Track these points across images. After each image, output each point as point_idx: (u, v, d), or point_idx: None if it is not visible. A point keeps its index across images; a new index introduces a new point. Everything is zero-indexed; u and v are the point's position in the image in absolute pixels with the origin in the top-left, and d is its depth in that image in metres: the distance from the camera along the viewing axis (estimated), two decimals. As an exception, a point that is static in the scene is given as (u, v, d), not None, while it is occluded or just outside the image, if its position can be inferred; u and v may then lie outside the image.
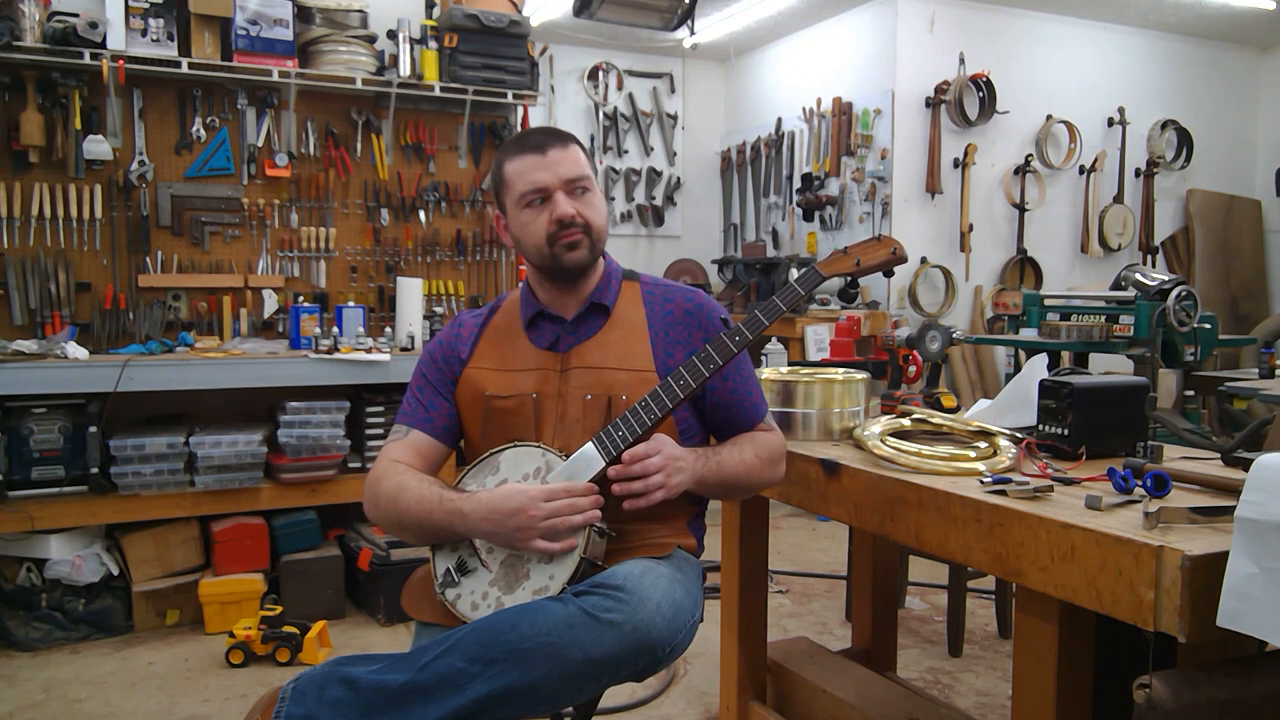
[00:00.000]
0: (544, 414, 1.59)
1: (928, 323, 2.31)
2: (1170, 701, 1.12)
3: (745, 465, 1.58)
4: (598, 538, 1.43)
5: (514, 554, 1.46)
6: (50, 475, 3.24)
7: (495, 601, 1.43)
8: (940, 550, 1.48)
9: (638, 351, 1.61)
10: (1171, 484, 1.35)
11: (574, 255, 1.58)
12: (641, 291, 1.69)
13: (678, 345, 1.62)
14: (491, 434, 1.62)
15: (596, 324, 1.65)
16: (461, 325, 1.73)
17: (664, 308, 1.66)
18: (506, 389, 1.61)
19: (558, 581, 1.40)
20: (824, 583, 3.95)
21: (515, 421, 1.60)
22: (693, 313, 1.66)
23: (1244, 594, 1.07)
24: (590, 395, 1.57)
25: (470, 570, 1.48)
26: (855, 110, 5.55)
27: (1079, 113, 5.76)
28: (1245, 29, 6.00)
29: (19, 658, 3.12)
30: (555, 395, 1.59)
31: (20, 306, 3.49)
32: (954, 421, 1.80)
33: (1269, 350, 3.92)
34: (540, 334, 1.66)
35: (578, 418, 1.57)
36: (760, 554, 2.22)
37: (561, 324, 1.65)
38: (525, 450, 1.52)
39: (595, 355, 1.61)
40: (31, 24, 3.29)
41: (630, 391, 1.55)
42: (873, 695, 2.15)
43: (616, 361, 1.60)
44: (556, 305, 1.66)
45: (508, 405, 1.61)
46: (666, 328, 1.64)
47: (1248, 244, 6.32)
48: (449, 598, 1.48)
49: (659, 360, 1.60)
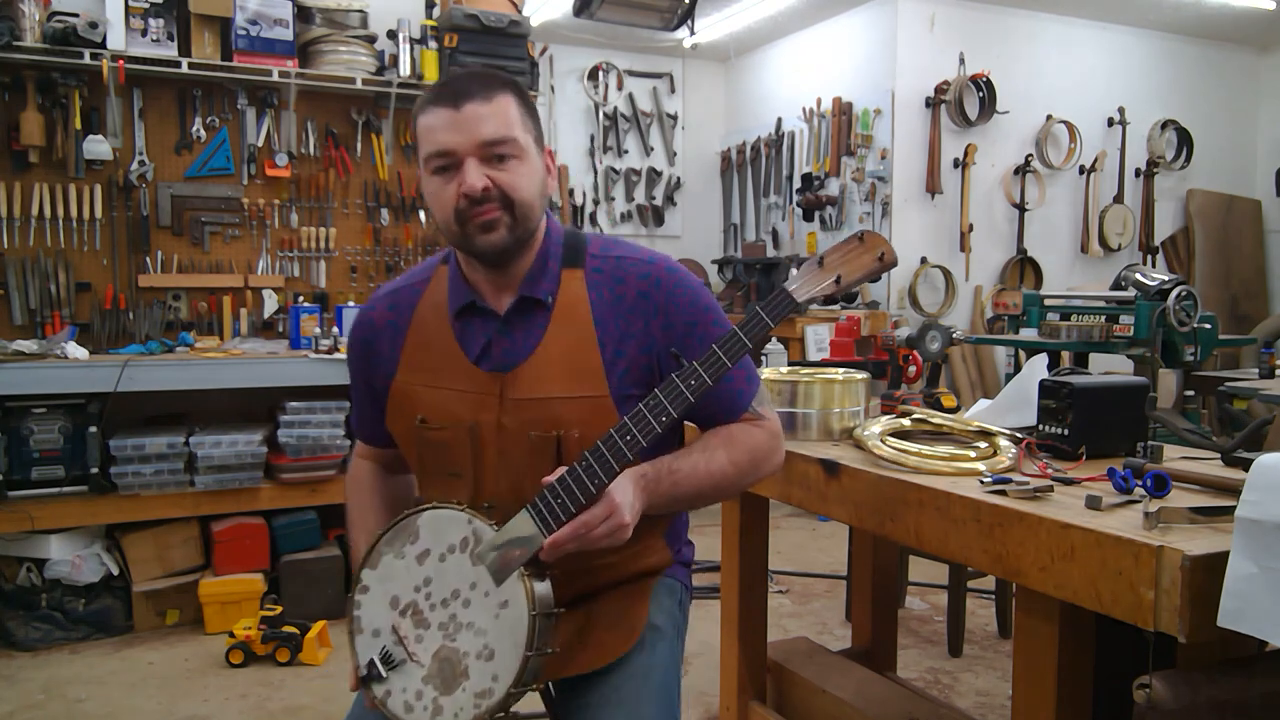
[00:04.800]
0: (484, 447, 1.36)
1: (928, 323, 2.31)
2: (1170, 701, 1.12)
3: (713, 475, 1.33)
4: (545, 620, 1.21)
5: (447, 645, 1.23)
6: (50, 475, 3.24)
7: (432, 703, 1.23)
8: (940, 550, 1.48)
9: (586, 369, 1.33)
10: (1171, 484, 1.35)
11: (488, 239, 1.29)
12: (587, 275, 1.37)
13: (631, 343, 1.34)
14: (429, 463, 1.41)
15: (534, 326, 1.36)
16: (377, 316, 1.46)
17: (614, 292, 1.36)
18: (440, 416, 1.37)
19: (502, 684, 1.19)
20: (824, 583, 3.95)
21: (452, 455, 1.38)
22: (648, 294, 1.35)
23: (1244, 594, 1.07)
24: (535, 434, 1.33)
25: (397, 663, 1.26)
26: (855, 110, 5.55)
27: (1079, 113, 5.76)
28: (1245, 29, 6.00)
29: (19, 658, 3.12)
30: (495, 425, 1.35)
31: (20, 306, 3.49)
32: (954, 421, 1.80)
33: (1269, 350, 3.92)
34: (471, 336, 1.38)
35: (523, 456, 1.34)
36: (760, 554, 2.22)
37: (494, 322, 1.37)
38: (448, 516, 1.26)
39: (537, 380, 1.34)
40: (31, 24, 3.29)
41: (582, 427, 1.31)
42: (873, 695, 2.15)
43: (563, 386, 1.33)
44: (488, 293, 1.38)
45: (443, 437, 1.37)
46: (618, 320, 1.35)
47: (1248, 244, 6.32)
48: (377, 694, 1.27)
49: (612, 377, 1.33)
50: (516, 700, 1.20)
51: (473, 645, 1.22)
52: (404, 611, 1.27)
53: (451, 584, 1.24)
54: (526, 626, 1.18)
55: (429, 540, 1.27)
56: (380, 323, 1.45)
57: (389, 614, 1.28)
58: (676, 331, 1.34)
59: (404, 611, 1.27)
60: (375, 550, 1.30)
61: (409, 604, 1.26)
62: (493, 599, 1.21)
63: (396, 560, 1.28)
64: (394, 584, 1.28)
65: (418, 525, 1.28)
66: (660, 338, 1.34)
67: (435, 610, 1.25)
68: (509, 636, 1.19)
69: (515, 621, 1.19)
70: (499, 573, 1.20)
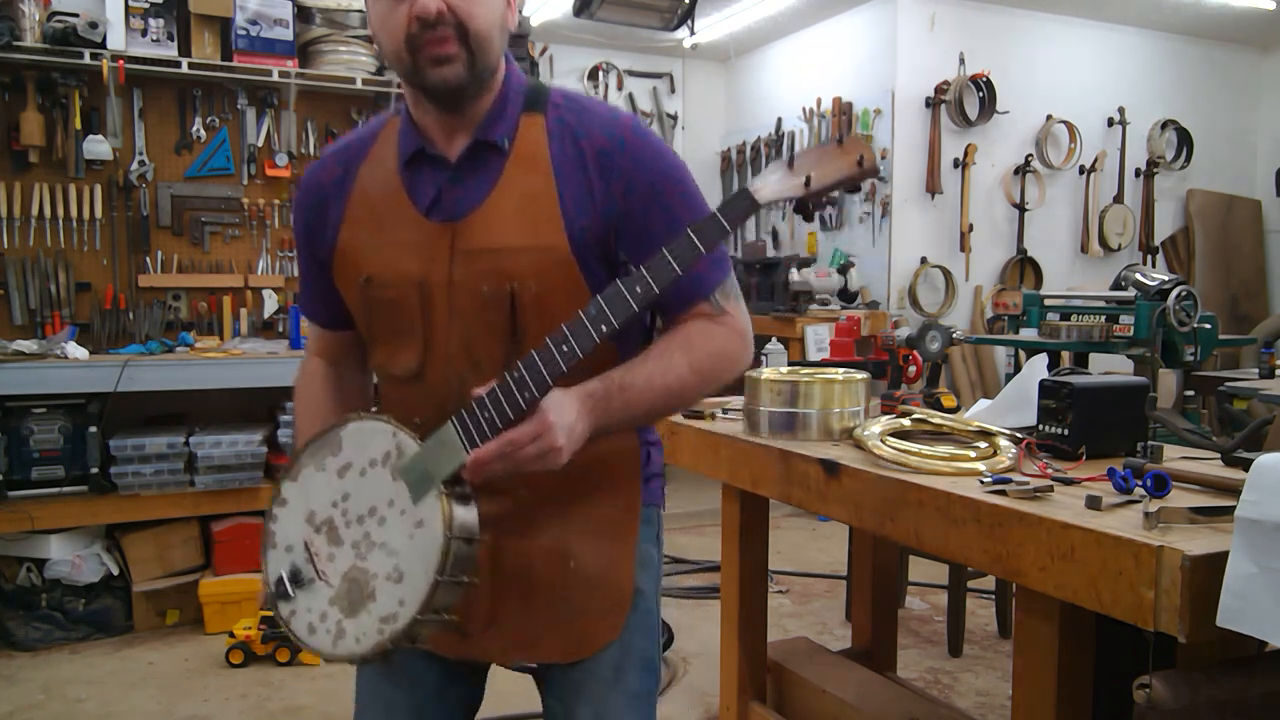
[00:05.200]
0: (433, 308, 1.24)
1: (928, 323, 2.31)
2: (1170, 701, 1.12)
3: (670, 388, 1.19)
4: (463, 545, 1.10)
5: (358, 566, 1.14)
6: (50, 475, 3.24)
7: (335, 626, 1.14)
8: (940, 550, 1.48)
9: (543, 216, 1.20)
10: (1171, 484, 1.35)
11: (441, 72, 1.16)
12: (548, 123, 1.24)
13: (589, 205, 1.21)
14: (377, 326, 1.30)
15: (489, 173, 1.23)
16: (325, 175, 1.33)
17: (575, 146, 1.23)
18: (387, 273, 1.26)
19: (408, 609, 1.09)
20: (824, 583, 3.95)
21: (401, 317, 1.26)
22: (610, 154, 1.21)
23: (1244, 594, 1.07)
24: (488, 287, 1.21)
25: (306, 582, 1.18)
26: (855, 110, 5.55)
27: (1079, 113, 5.76)
28: (1245, 29, 6.01)
29: (19, 658, 3.12)
30: (445, 281, 1.23)
31: (20, 306, 3.49)
32: (954, 421, 1.80)
33: (1269, 350, 3.92)
34: (420, 185, 1.26)
35: (475, 313, 1.22)
36: (760, 554, 2.22)
37: (445, 170, 1.24)
38: (372, 427, 1.17)
39: (489, 230, 1.22)
40: (31, 24, 3.29)
41: (539, 280, 1.20)
42: (873, 695, 2.15)
43: (518, 235, 1.21)
44: (439, 139, 1.25)
45: (390, 296, 1.26)
46: (578, 176, 1.22)
47: (1248, 244, 6.32)
48: (283, 613, 1.19)
49: (572, 229, 1.20)
50: (424, 629, 1.10)
51: (383, 566, 1.12)
52: (319, 527, 1.18)
53: (369, 500, 1.15)
54: (439, 549, 1.07)
55: (351, 453, 1.18)
56: (328, 182, 1.32)
57: (304, 529, 1.19)
58: (637, 198, 1.22)
59: (319, 527, 1.18)
60: (298, 462, 1.22)
61: (325, 520, 1.18)
62: (409, 518, 1.11)
63: (317, 473, 1.20)
64: (312, 498, 1.20)
65: (341, 436, 1.19)
66: (620, 203, 1.21)
67: (350, 527, 1.16)
68: (420, 559, 1.09)
69: (429, 543, 1.08)
70: (417, 490, 1.11)
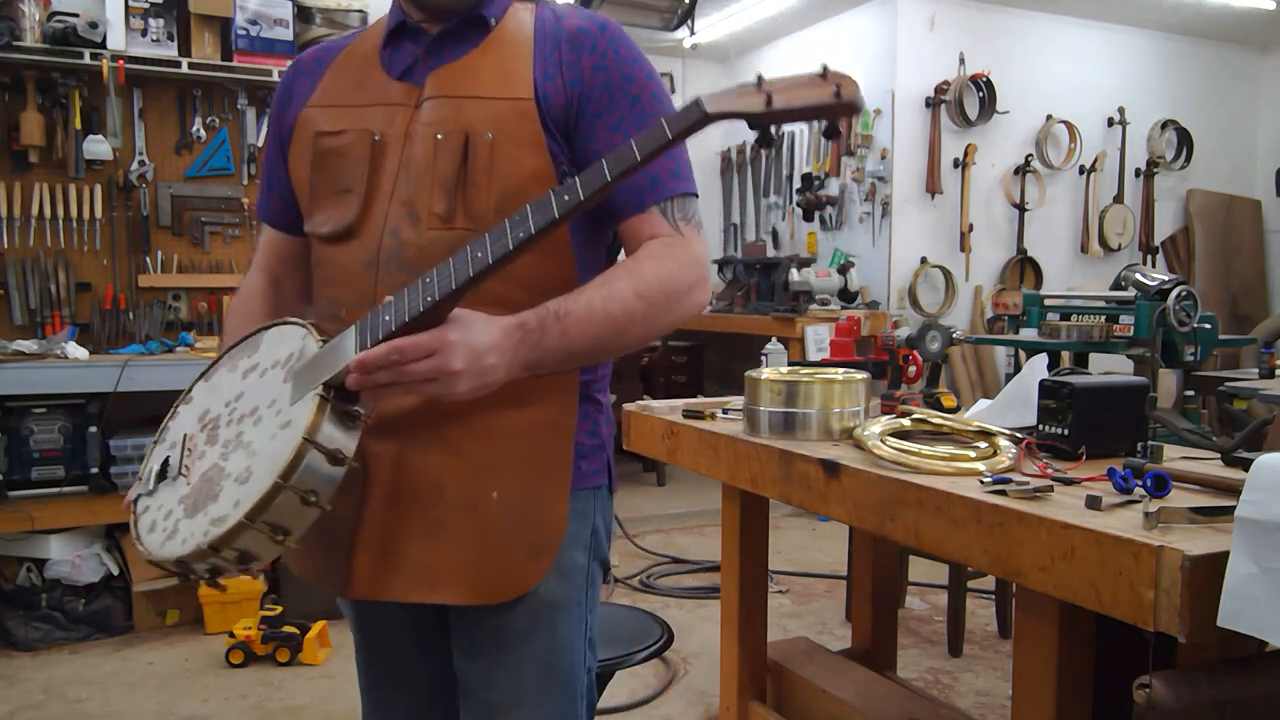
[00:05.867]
0: (383, 159, 1.17)
1: (928, 323, 2.31)
2: (1170, 701, 1.12)
3: (613, 317, 1.06)
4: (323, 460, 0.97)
5: (218, 465, 1.04)
6: (50, 475, 3.25)
7: (172, 525, 1.04)
8: (940, 550, 1.48)
9: (514, 74, 1.16)
10: (1171, 484, 1.35)
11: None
12: (537, 10, 1.23)
13: (559, 73, 1.16)
14: (321, 187, 1.21)
15: (468, 43, 1.20)
16: (306, 57, 1.32)
17: (555, 25, 1.20)
18: (340, 125, 1.20)
19: (238, 511, 0.96)
20: (824, 583, 3.95)
21: (346, 167, 1.19)
22: (587, 31, 1.18)
23: (1244, 594, 1.07)
24: (441, 134, 1.14)
25: (170, 478, 1.09)
26: (855, 110, 5.55)
27: (1079, 113, 5.76)
28: (1245, 29, 6.01)
29: (19, 658, 3.12)
30: (402, 136, 1.17)
31: (20, 306, 3.49)
32: (954, 421, 1.80)
33: (1269, 350, 3.92)
34: (397, 57, 1.22)
35: (426, 165, 1.14)
36: (760, 554, 2.22)
37: (424, 40, 1.21)
38: (291, 331, 1.11)
39: (457, 81, 1.17)
40: (31, 24, 3.29)
41: (495, 129, 1.13)
42: (873, 695, 2.15)
43: (484, 88, 1.15)
44: (420, 15, 1.21)
45: (338, 145, 1.19)
46: (550, 52, 1.18)
47: (1248, 244, 6.32)
48: (137, 508, 1.11)
49: (538, 90, 1.15)
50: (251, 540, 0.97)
51: (237, 466, 1.02)
52: (204, 425, 1.10)
53: (255, 400, 1.07)
54: (293, 450, 0.95)
55: (263, 355, 1.11)
56: (308, 61, 1.29)
57: (192, 426, 1.12)
58: (602, 79, 1.15)
59: (204, 425, 1.10)
60: (217, 363, 1.17)
61: (212, 418, 1.10)
62: (280, 418, 1.01)
63: (229, 374, 1.14)
64: (213, 397, 1.13)
65: (262, 339, 1.14)
66: (586, 78, 1.15)
67: (229, 426, 1.07)
68: (271, 461, 0.97)
69: (286, 443, 0.97)
70: (298, 389, 1.01)
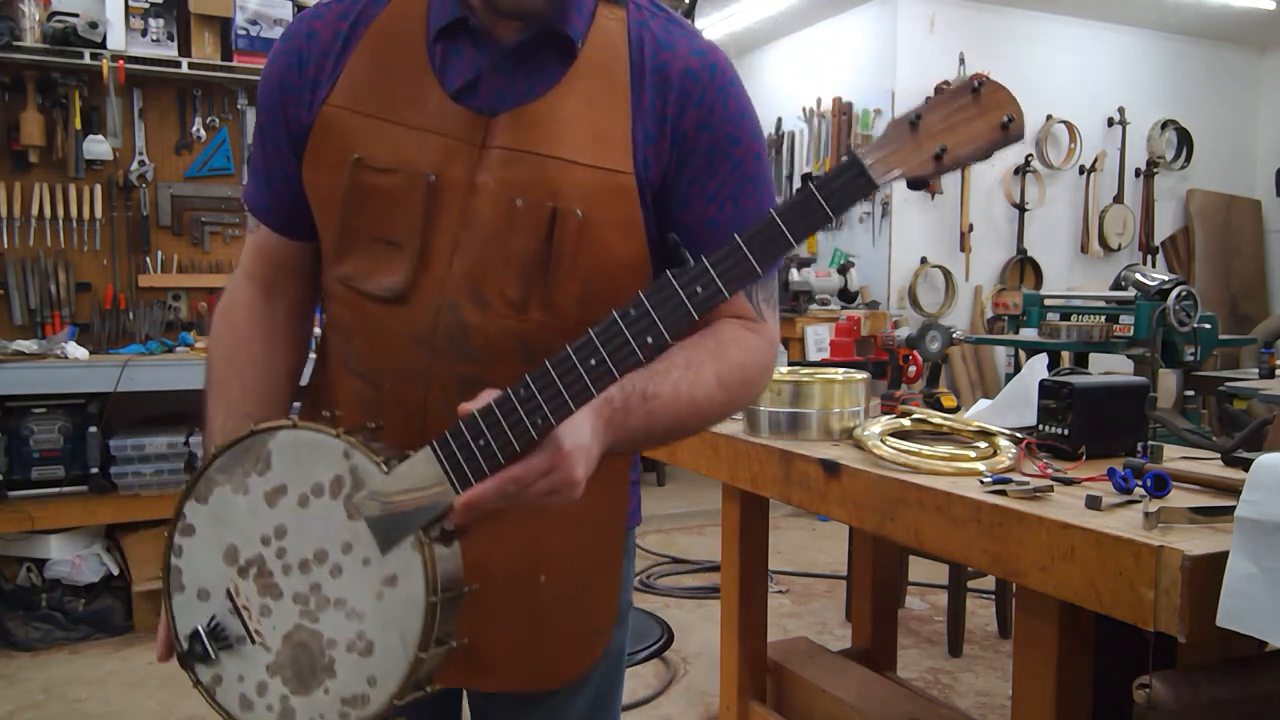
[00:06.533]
0: (439, 210, 0.96)
1: (928, 323, 2.31)
2: (1170, 701, 1.12)
3: (696, 403, 0.95)
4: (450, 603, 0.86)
5: (306, 627, 0.88)
6: (50, 475, 3.24)
7: (280, 703, 0.89)
8: (940, 550, 1.48)
9: (612, 133, 0.96)
10: (1171, 484, 1.35)
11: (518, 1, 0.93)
12: (629, 20, 0.99)
13: (659, 128, 0.97)
14: (356, 224, 0.99)
15: (549, 68, 0.97)
16: (322, 25, 1.01)
17: (656, 58, 0.98)
18: (388, 155, 0.96)
19: (382, 691, 0.85)
20: (824, 583, 3.95)
21: (394, 216, 0.97)
22: (696, 76, 0.97)
23: (1244, 594, 1.07)
24: (523, 201, 0.94)
25: (234, 641, 0.91)
26: (855, 110, 5.55)
27: (1079, 113, 5.76)
28: (1245, 29, 6.01)
29: (19, 658, 3.12)
30: (465, 183, 0.95)
31: (20, 306, 3.49)
32: (954, 421, 1.80)
33: (1269, 350, 3.92)
34: (456, 64, 0.97)
35: (497, 234, 0.95)
36: (760, 554, 2.22)
37: (492, 52, 0.96)
38: (314, 440, 0.88)
39: (540, 132, 0.95)
40: (31, 24, 3.29)
41: (587, 206, 0.94)
42: (873, 695, 2.15)
43: (574, 147, 0.95)
44: (489, 16, 0.96)
45: (385, 185, 0.96)
46: (651, 95, 0.97)
47: (1248, 244, 6.32)
48: (202, 678, 0.93)
49: (638, 155, 0.96)
50: (401, 713, 0.87)
51: (343, 631, 0.87)
52: (244, 570, 0.91)
53: (315, 541, 0.88)
54: (421, 615, 0.84)
55: (285, 473, 0.89)
56: (325, 32, 1.00)
57: (223, 570, 0.92)
58: (708, 142, 0.98)
59: (244, 570, 0.91)
60: (206, 476, 0.93)
61: (252, 560, 0.90)
62: (375, 571, 0.86)
63: (237, 495, 0.91)
64: (231, 528, 0.91)
65: (269, 449, 0.90)
66: (690, 137, 0.97)
67: (291, 575, 0.89)
68: (395, 626, 0.85)
69: (406, 606, 0.85)
70: (387, 536, 0.85)
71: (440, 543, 0.86)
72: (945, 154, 0.79)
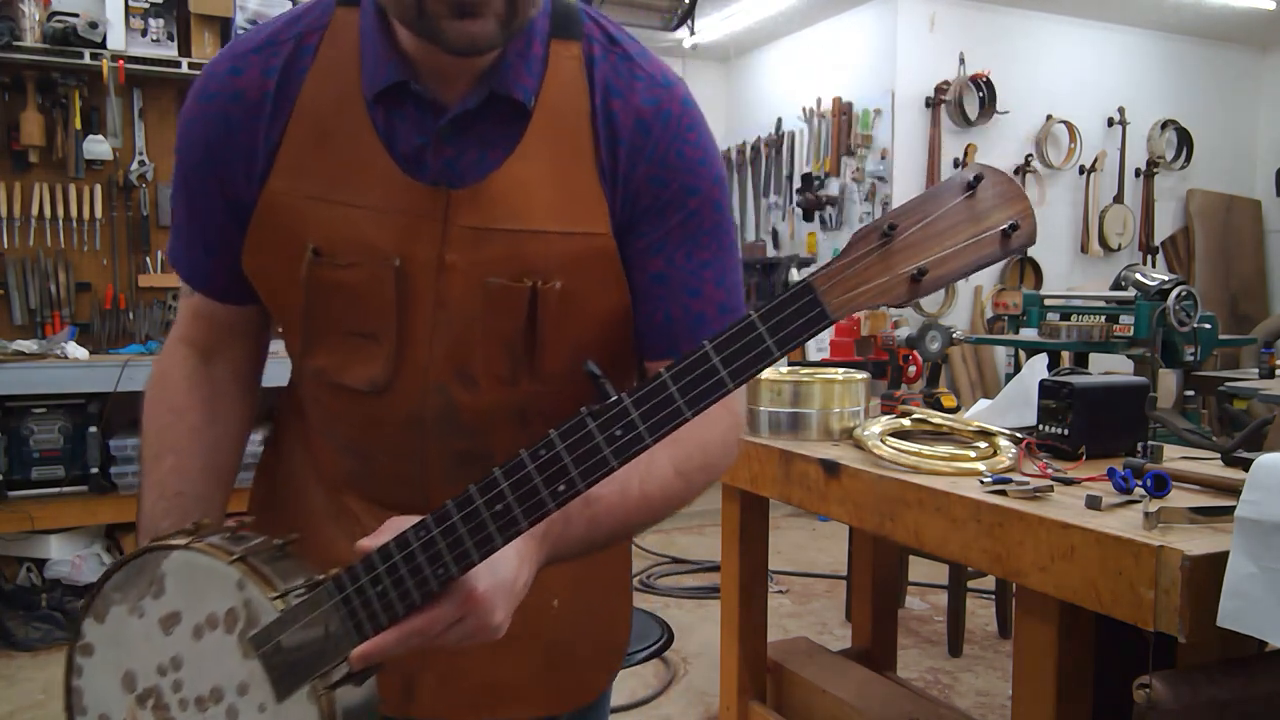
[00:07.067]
0: (416, 295, 0.88)
1: (928, 323, 2.31)
2: (1170, 701, 1.12)
3: (649, 500, 0.86)
4: None
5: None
6: (50, 475, 3.24)
7: None
8: (940, 550, 1.48)
9: (582, 192, 0.87)
10: (1171, 484, 1.35)
11: (466, 28, 0.78)
12: (584, 58, 0.89)
13: (613, 191, 0.88)
14: (323, 318, 0.91)
15: (507, 130, 0.87)
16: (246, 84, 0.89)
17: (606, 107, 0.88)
18: (347, 247, 0.87)
19: None
20: (824, 583, 3.95)
21: (364, 308, 0.89)
22: (648, 128, 0.88)
23: (1244, 594, 1.07)
24: (499, 281, 0.87)
25: None
26: (855, 110, 5.55)
27: (1079, 113, 5.76)
28: (1245, 29, 6.01)
29: (19, 658, 3.12)
30: (434, 265, 0.87)
31: (20, 306, 3.49)
32: (954, 421, 1.80)
33: (1269, 350, 3.92)
34: (402, 129, 0.87)
35: (475, 314, 0.88)
36: (760, 554, 2.22)
37: (440, 117, 0.86)
38: (209, 567, 0.81)
39: (506, 202, 0.86)
40: (31, 24, 3.29)
41: (568, 277, 0.87)
42: (873, 695, 2.15)
43: (545, 216, 0.87)
44: (430, 74, 0.86)
45: (349, 280, 0.88)
46: (606, 149, 0.88)
47: (1248, 244, 6.32)
48: None
49: (614, 207, 0.88)
50: None
51: None
52: (143, 699, 0.84)
53: (211, 677, 0.81)
54: None
55: (179, 598, 0.82)
56: (251, 91, 0.88)
57: (121, 697, 0.85)
58: (663, 195, 0.88)
59: (143, 699, 0.84)
60: (102, 593, 0.86)
61: (150, 690, 0.84)
62: (271, 718, 0.79)
63: (133, 618, 0.84)
64: (128, 652, 0.84)
65: (163, 571, 0.82)
66: (642, 193, 0.88)
67: (188, 711, 0.82)
68: None
69: None
70: (281, 682, 0.77)
71: (345, 685, 0.77)
72: (925, 275, 0.63)
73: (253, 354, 1.03)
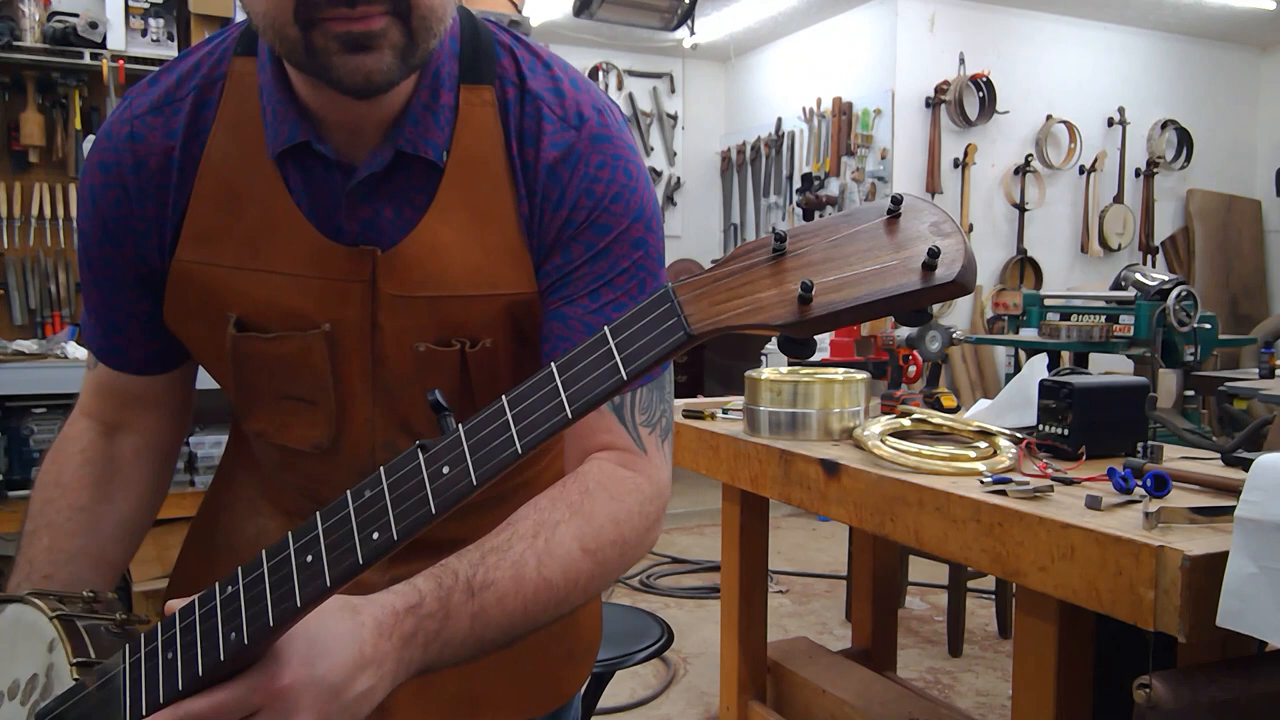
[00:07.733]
0: (345, 357, 0.85)
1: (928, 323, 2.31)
2: (1170, 701, 1.12)
3: (551, 586, 0.74)
4: None
5: None
6: (50, 475, 3.25)
7: None
8: (940, 550, 1.48)
9: (504, 248, 0.83)
10: (1171, 484, 1.35)
11: (360, 63, 0.71)
12: (498, 103, 0.84)
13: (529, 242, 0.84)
14: (256, 387, 0.88)
15: (420, 187, 0.82)
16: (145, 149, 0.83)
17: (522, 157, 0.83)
18: (272, 315, 0.84)
19: None
20: (824, 583, 3.95)
21: (298, 377, 0.86)
22: (557, 176, 0.83)
23: (1244, 594, 1.07)
24: (426, 346, 0.84)
25: None
26: (855, 110, 5.55)
27: (1079, 113, 5.76)
28: (1245, 29, 6.01)
29: (19, 658, 3.12)
30: (366, 326, 0.84)
31: (20, 306, 3.49)
32: (954, 421, 1.80)
33: (1269, 350, 3.92)
34: (309, 187, 0.82)
35: (407, 376, 0.85)
36: (760, 554, 2.22)
37: (348, 177, 0.81)
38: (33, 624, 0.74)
39: (424, 267, 0.82)
40: (31, 24, 3.29)
41: (496, 333, 0.84)
42: (873, 695, 2.15)
43: (466, 279, 0.82)
44: (334, 130, 0.81)
45: (279, 352, 0.84)
46: (531, 192, 0.83)
47: (1248, 244, 6.32)
48: None
49: (538, 260, 0.84)
50: None
51: None
52: None
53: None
54: None
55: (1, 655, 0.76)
56: (152, 159, 0.83)
57: None
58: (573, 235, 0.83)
59: None
60: None
61: None
62: None
63: None
64: None
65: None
66: (552, 237, 0.83)
67: None
68: None
69: None
70: None
71: None
72: (812, 292, 0.52)
73: (167, 425, 0.97)
